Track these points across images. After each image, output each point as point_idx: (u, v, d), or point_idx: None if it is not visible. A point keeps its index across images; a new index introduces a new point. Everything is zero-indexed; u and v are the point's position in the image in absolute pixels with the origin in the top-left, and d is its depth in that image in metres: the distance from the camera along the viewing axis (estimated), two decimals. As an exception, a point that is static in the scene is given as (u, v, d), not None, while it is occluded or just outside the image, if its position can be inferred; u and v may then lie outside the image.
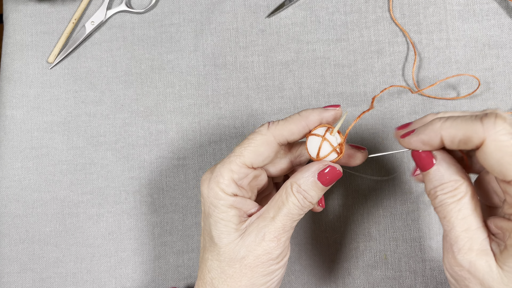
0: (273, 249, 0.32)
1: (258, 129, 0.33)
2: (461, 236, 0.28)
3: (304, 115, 0.33)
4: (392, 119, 0.46)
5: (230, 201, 0.32)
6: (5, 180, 0.47)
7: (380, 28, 0.47)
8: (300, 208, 0.32)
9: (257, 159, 0.33)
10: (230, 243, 0.32)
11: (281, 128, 0.33)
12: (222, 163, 0.33)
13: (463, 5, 0.47)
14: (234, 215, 0.32)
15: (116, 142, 0.47)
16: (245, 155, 0.32)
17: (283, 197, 0.32)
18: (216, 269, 0.33)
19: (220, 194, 0.32)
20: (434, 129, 0.28)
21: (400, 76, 0.46)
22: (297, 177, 0.32)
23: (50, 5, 0.49)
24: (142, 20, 0.49)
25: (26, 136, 0.47)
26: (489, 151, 0.26)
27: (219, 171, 0.32)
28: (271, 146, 0.33)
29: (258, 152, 0.33)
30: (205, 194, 0.33)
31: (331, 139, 0.32)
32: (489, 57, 0.46)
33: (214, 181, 0.32)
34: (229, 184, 0.32)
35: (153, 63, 0.48)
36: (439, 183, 0.29)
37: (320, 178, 0.32)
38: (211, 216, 0.33)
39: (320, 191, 0.32)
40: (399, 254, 0.44)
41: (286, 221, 0.32)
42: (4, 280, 0.45)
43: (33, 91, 0.48)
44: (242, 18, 0.48)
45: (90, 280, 0.45)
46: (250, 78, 0.47)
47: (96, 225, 0.46)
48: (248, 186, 0.34)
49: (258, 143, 0.33)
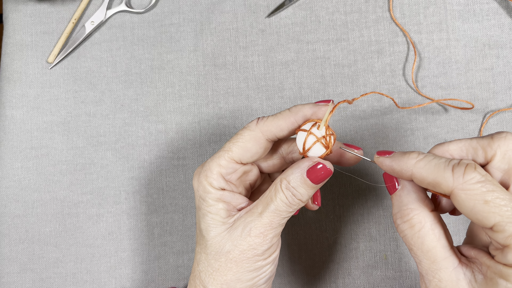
0: (258, 244, 0.32)
1: (247, 124, 0.33)
2: (430, 269, 0.28)
3: (294, 110, 0.32)
4: (392, 119, 0.46)
5: (217, 194, 0.32)
6: (5, 180, 0.47)
7: (380, 28, 0.47)
8: (288, 205, 0.32)
9: (245, 155, 0.33)
10: (216, 236, 0.32)
11: (269, 124, 0.32)
12: (212, 158, 0.33)
13: (463, 5, 0.47)
14: (222, 208, 0.32)
15: (116, 142, 0.47)
16: (234, 150, 0.32)
17: (272, 193, 0.32)
18: (204, 262, 0.33)
19: (208, 187, 0.32)
20: (408, 164, 0.28)
21: (400, 76, 0.46)
22: (287, 174, 0.32)
23: (50, 5, 0.49)
24: (142, 20, 0.49)
25: (26, 136, 0.47)
26: (461, 200, 0.26)
27: (208, 165, 0.33)
28: (259, 142, 0.33)
29: (246, 147, 0.32)
30: (195, 188, 0.33)
31: (318, 133, 0.31)
32: (489, 57, 0.46)
33: (203, 175, 0.33)
34: (217, 178, 0.32)
35: (153, 63, 0.48)
36: (397, 210, 0.29)
37: (309, 175, 0.31)
38: (200, 209, 0.33)
39: (309, 189, 0.32)
40: (399, 254, 0.44)
41: (274, 217, 0.32)
42: (4, 280, 0.45)
43: (33, 91, 0.48)
44: (242, 18, 0.48)
45: (90, 280, 0.45)
46: (250, 78, 0.47)
47: (96, 225, 0.46)
48: (238, 181, 0.34)
49: (246, 139, 0.32)
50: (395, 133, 0.45)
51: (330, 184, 0.45)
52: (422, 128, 0.45)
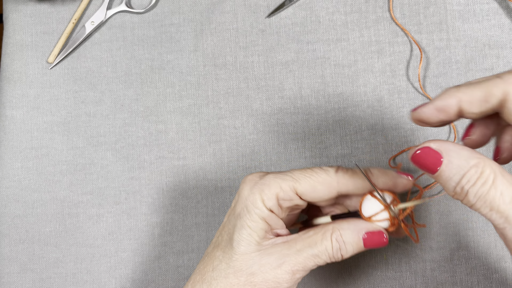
0: (284, 280, 0.31)
1: (327, 167, 0.32)
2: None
3: (375, 174, 0.31)
4: (392, 119, 0.46)
5: (264, 214, 0.31)
6: (5, 180, 0.47)
7: (380, 28, 0.47)
8: (330, 256, 0.31)
9: (310, 194, 0.31)
10: (246, 253, 0.31)
11: (348, 179, 0.31)
12: (275, 175, 0.31)
13: (463, 5, 0.47)
14: (262, 228, 0.31)
15: (116, 142, 0.47)
16: (302, 183, 0.31)
17: (317, 237, 0.31)
18: (221, 272, 0.31)
19: (259, 203, 0.31)
20: (450, 92, 0.25)
21: (400, 76, 0.46)
22: (343, 226, 0.30)
23: (50, 5, 0.49)
24: (142, 20, 0.49)
25: (26, 136, 0.47)
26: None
27: (268, 181, 0.31)
28: (329, 190, 0.31)
29: (314, 187, 0.31)
30: (243, 195, 0.31)
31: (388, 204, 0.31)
32: (489, 57, 0.46)
33: (258, 187, 0.31)
34: (272, 198, 0.31)
35: (153, 63, 0.48)
36: (460, 177, 0.24)
37: (366, 239, 0.30)
38: (240, 218, 0.31)
39: (357, 249, 0.31)
40: (399, 254, 0.44)
41: (310, 261, 0.31)
42: (4, 281, 0.45)
43: (33, 91, 0.48)
44: (242, 18, 0.48)
45: (90, 281, 0.45)
46: (250, 78, 0.47)
47: (96, 226, 0.46)
48: (286, 208, 0.32)
49: (319, 180, 0.31)
50: (395, 133, 0.45)
51: (330, 184, 0.45)
52: (422, 128, 0.45)
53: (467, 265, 0.43)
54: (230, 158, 0.46)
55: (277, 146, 0.46)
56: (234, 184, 0.46)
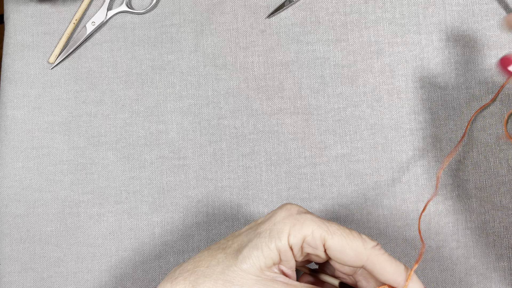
0: None
1: (366, 237, 0.31)
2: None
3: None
4: (391, 119, 0.46)
5: (284, 248, 0.30)
6: (6, 180, 0.47)
7: (379, 29, 0.47)
8: None
9: (336, 253, 0.30)
10: (245, 272, 0.30)
11: (381, 262, 0.30)
12: (313, 218, 0.30)
13: (462, 6, 0.47)
14: (272, 258, 0.30)
15: (116, 142, 0.47)
16: (334, 239, 0.30)
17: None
18: (213, 273, 0.30)
19: (284, 234, 0.30)
20: None
21: (400, 77, 0.46)
22: None
23: (51, 5, 0.50)
24: (143, 21, 0.49)
25: (27, 136, 0.48)
26: None
27: (304, 220, 0.30)
28: (356, 260, 0.30)
29: (344, 249, 0.30)
30: (274, 220, 0.31)
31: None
32: (489, 57, 0.46)
33: (292, 221, 0.30)
34: (298, 237, 0.30)
35: (153, 64, 0.48)
36: None
37: None
38: (259, 238, 0.30)
39: None
40: (399, 254, 0.44)
41: None
42: (5, 280, 0.46)
43: (34, 91, 0.48)
44: (242, 18, 0.48)
45: (90, 280, 0.45)
46: (250, 78, 0.47)
47: (97, 225, 0.46)
48: (306, 254, 0.31)
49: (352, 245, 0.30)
50: (395, 133, 0.46)
51: (329, 184, 0.45)
52: (422, 128, 0.45)
53: (466, 265, 0.43)
54: (230, 158, 0.46)
55: (277, 146, 0.46)
56: (234, 184, 0.46)
